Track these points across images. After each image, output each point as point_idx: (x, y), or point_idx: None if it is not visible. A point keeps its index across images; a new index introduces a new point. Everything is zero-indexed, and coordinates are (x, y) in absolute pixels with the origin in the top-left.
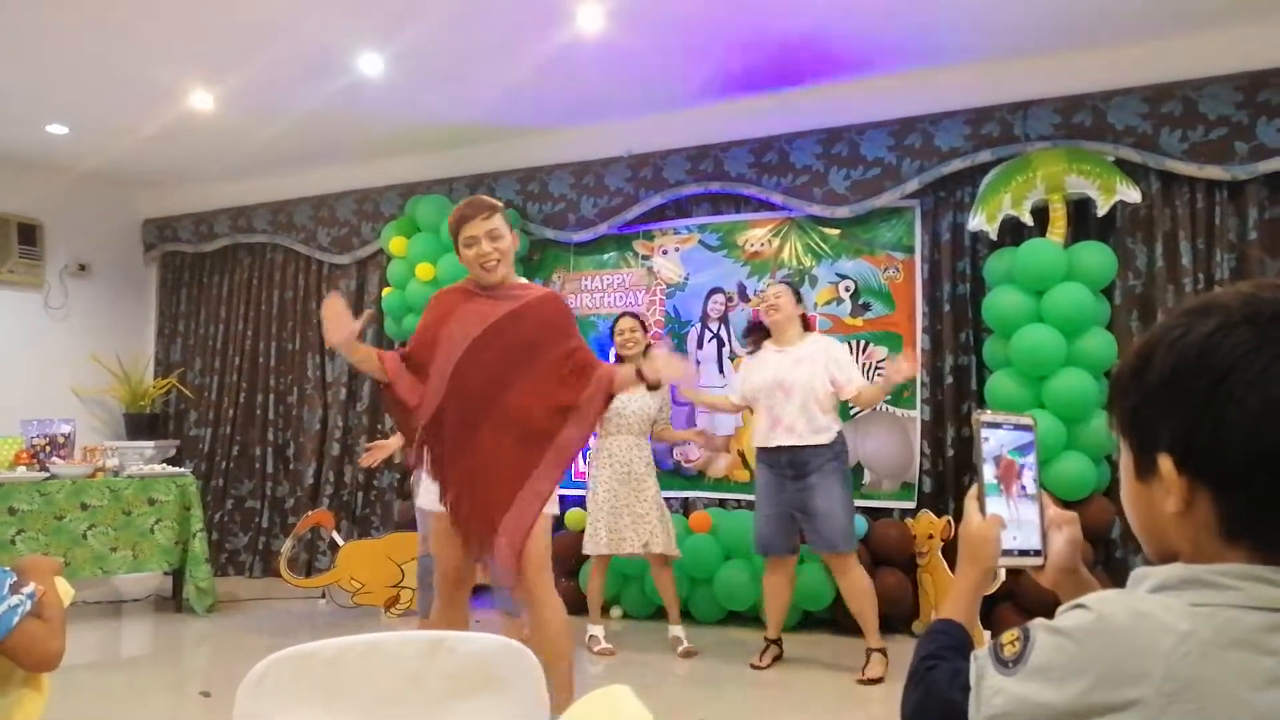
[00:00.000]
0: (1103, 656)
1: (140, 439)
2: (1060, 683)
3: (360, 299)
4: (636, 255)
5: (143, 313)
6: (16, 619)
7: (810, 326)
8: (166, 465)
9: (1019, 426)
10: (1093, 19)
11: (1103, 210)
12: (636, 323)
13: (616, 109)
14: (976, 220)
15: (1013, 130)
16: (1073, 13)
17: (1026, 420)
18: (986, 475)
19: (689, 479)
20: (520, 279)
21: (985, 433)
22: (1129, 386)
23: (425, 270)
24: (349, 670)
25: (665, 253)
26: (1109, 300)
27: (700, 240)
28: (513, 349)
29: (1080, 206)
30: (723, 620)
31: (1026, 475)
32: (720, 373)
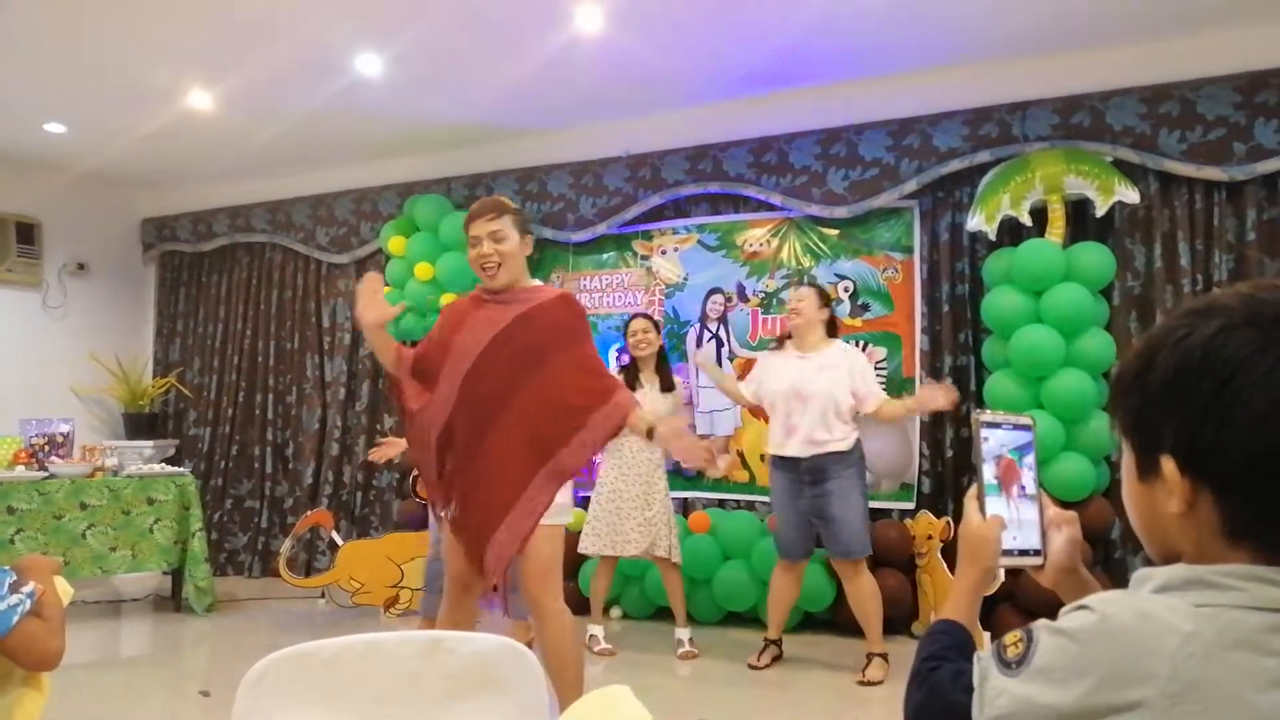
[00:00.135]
0: (1106, 657)
1: (139, 438)
2: (1064, 684)
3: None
4: (635, 255)
5: (141, 312)
6: (16, 618)
7: (837, 331)
8: (165, 465)
9: (1018, 426)
10: (1091, 20)
11: (1101, 211)
12: (650, 324)
13: (615, 109)
14: (975, 220)
15: (1011, 131)
16: (1071, 13)
17: (1026, 420)
18: (986, 475)
19: (688, 479)
20: (534, 281)
21: (985, 433)
22: (1131, 388)
23: (424, 270)
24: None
25: (664, 253)
26: (1108, 301)
27: (699, 240)
28: (522, 354)
29: (1079, 207)
30: (722, 621)
31: (1026, 475)
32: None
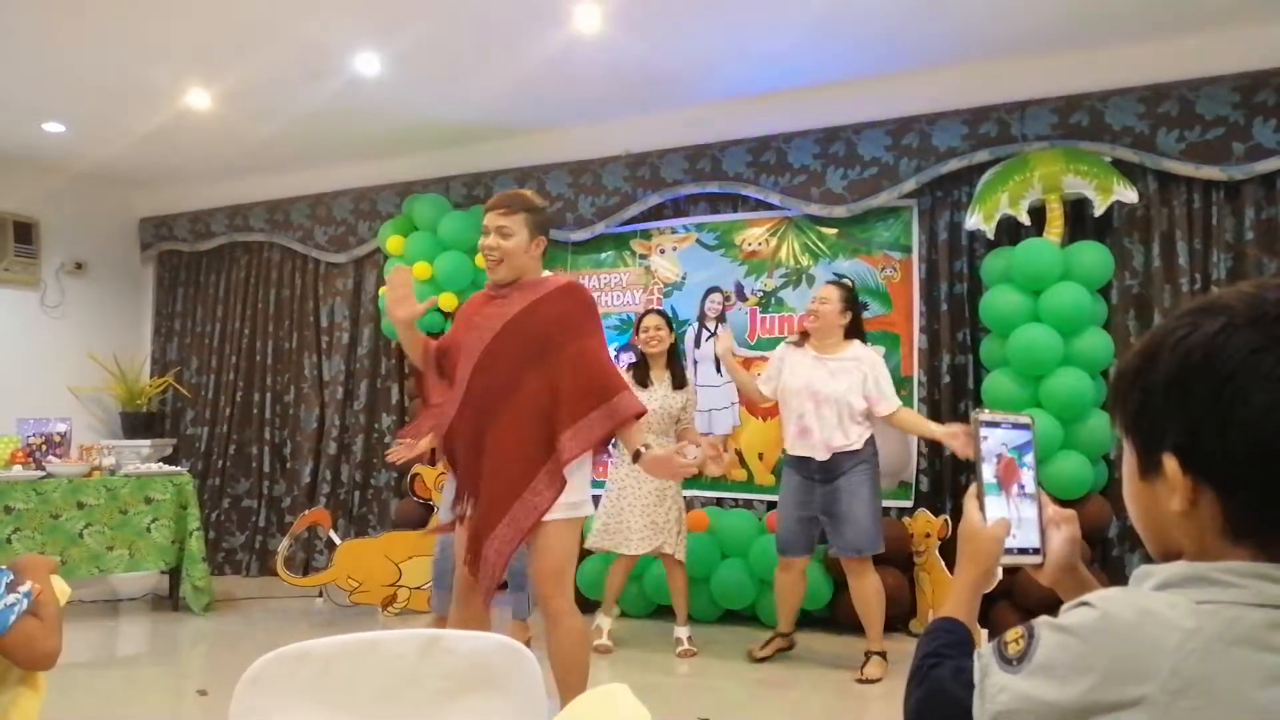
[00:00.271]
0: (1108, 654)
1: (137, 438)
2: (1065, 680)
3: (357, 298)
4: (634, 254)
5: (139, 311)
6: (13, 617)
7: (861, 332)
8: (163, 464)
9: (1017, 425)
10: (1090, 20)
11: (1099, 210)
12: (662, 320)
13: (614, 108)
14: (973, 220)
15: (1010, 130)
16: (1070, 13)
17: (1025, 419)
18: (985, 474)
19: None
20: (544, 274)
21: (984, 431)
22: (1133, 386)
23: (422, 269)
24: (346, 669)
25: (663, 252)
26: (1106, 300)
27: (698, 239)
28: (525, 348)
29: (1077, 206)
30: (720, 619)
31: (1025, 474)
32: (718, 372)
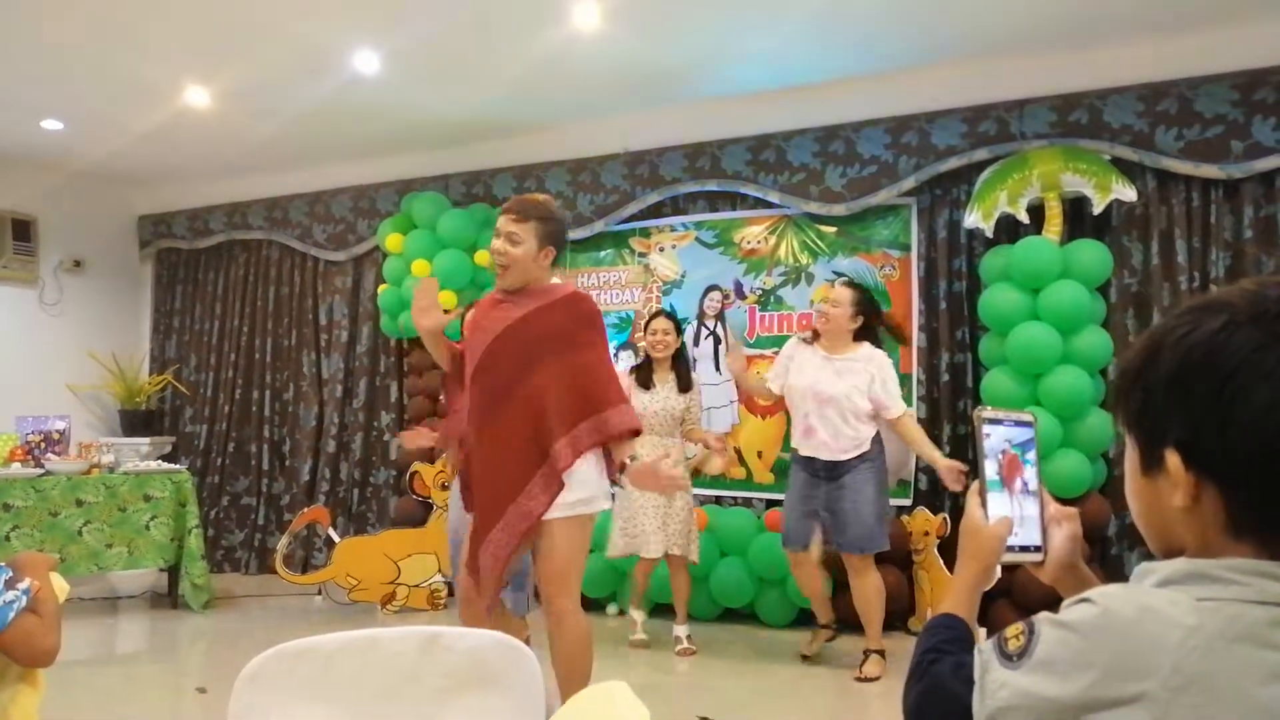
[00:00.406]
0: (1109, 650)
1: (136, 435)
2: (1065, 676)
3: (356, 296)
4: (633, 252)
5: (138, 309)
6: (12, 615)
7: (874, 335)
8: (162, 462)
9: (1019, 423)
10: (1089, 18)
11: (1098, 208)
12: (671, 324)
13: (613, 106)
14: (972, 218)
15: (1009, 128)
16: (1069, 12)
17: (1027, 417)
18: (988, 472)
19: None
20: (553, 281)
21: (986, 429)
22: (1135, 383)
23: (421, 267)
24: (345, 666)
25: (662, 250)
26: (1105, 298)
27: (697, 237)
28: (520, 354)
29: (1076, 205)
30: (719, 617)
31: (1027, 471)
32: (716, 370)
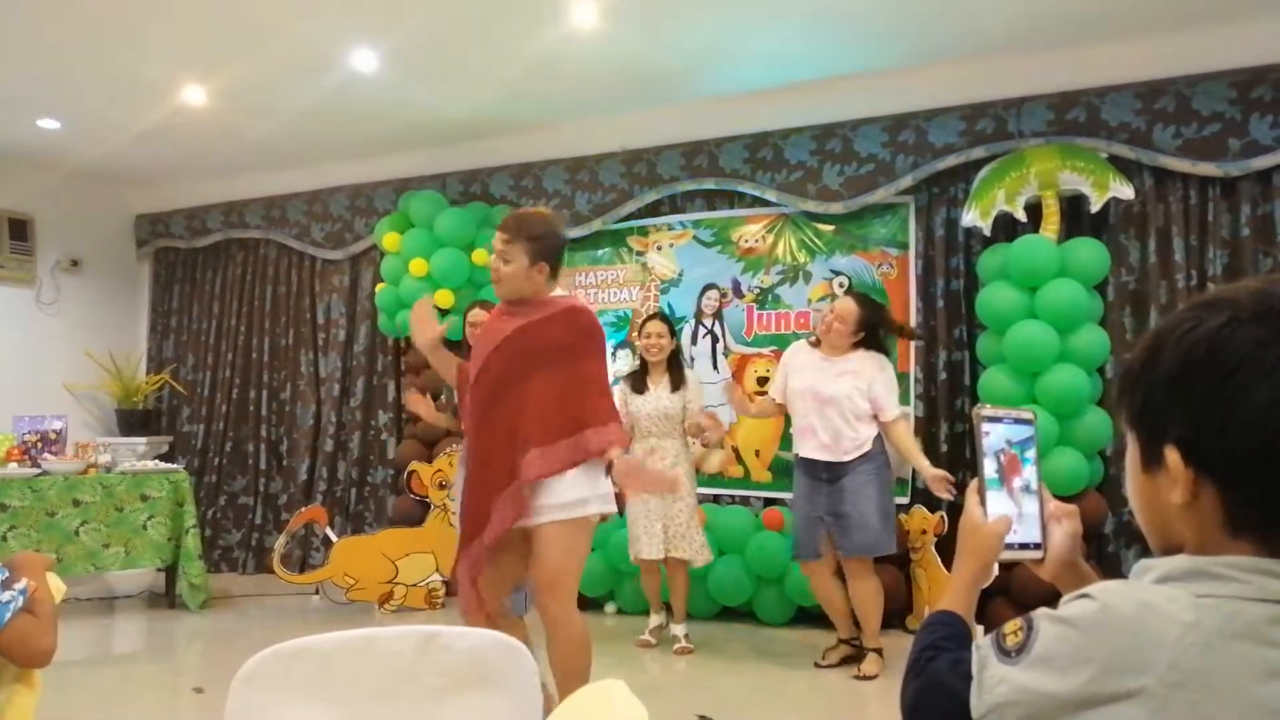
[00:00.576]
0: (1107, 646)
1: (133, 435)
2: (1064, 672)
3: (354, 295)
4: (631, 251)
5: (135, 308)
6: (8, 615)
7: (879, 345)
8: (159, 461)
9: (1019, 420)
10: (1086, 16)
11: (1096, 206)
12: (665, 328)
13: (610, 104)
14: (970, 216)
15: (1006, 126)
16: (1066, 10)
17: (1027, 414)
18: (987, 469)
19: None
20: (556, 291)
21: (986, 427)
22: (1137, 379)
23: (419, 266)
24: (342, 666)
25: (660, 248)
26: (1102, 296)
27: (694, 236)
28: (518, 361)
29: (1073, 203)
30: (717, 616)
31: (1027, 469)
32: (715, 369)
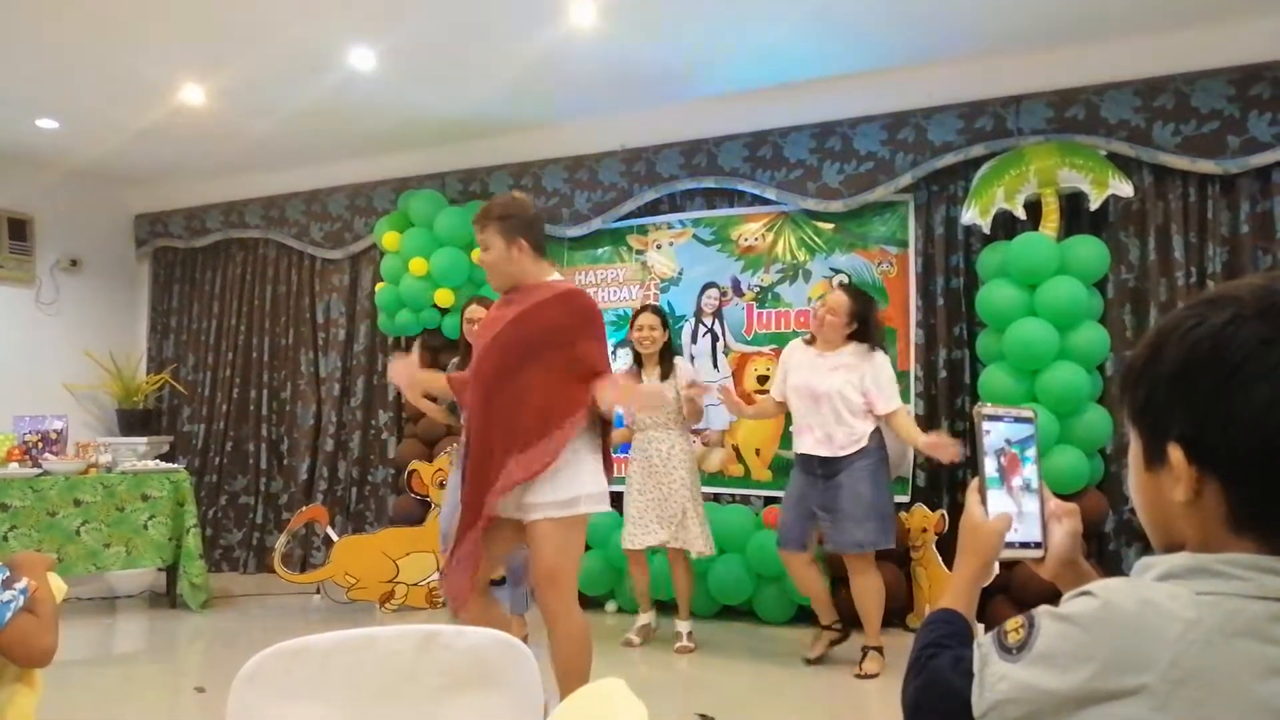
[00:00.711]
0: (1109, 643)
1: (133, 435)
2: (1065, 669)
3: (354, 294)
4: (630, 250)
5: (135, 308)
6: (9, 614)
7: (871, 335)
8: (160, 461)
9: (1019, 419)
10: (1085, 13)
11: (1095, 204)
12: (657, 319)
13: (610, 103)
14: (969, 214)
15: (1005, 124)
16: (1065, 7)
17: (1027, 413)
18: (988, 467)
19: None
20: (551, 276)
21: (986, 425)
22: (1140, 376)
23: (419, 265)
24: (343, 665)
25: (659, 247)
26: (1102, 294)
27: (694, 234)
28: (514, 350)
29: (1073, 200)
30: (717, 614)
31: (1027, 468)
32: (715, 367)
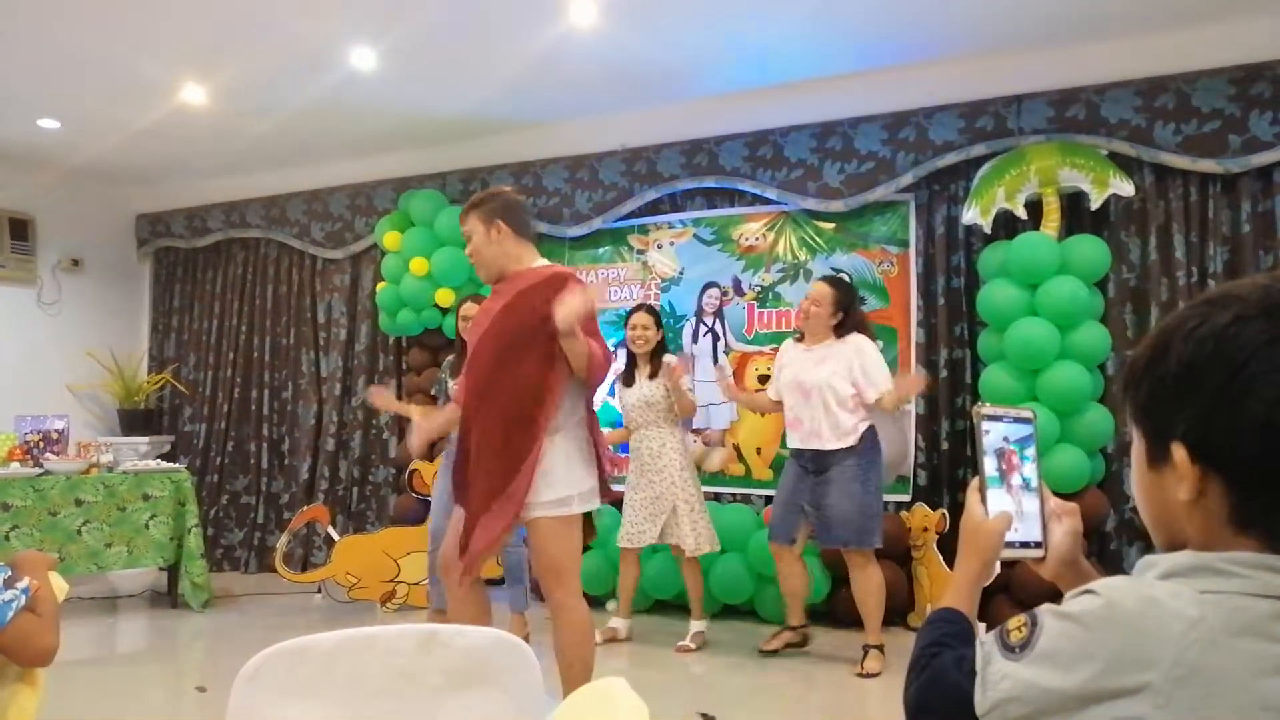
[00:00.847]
0: (1112, 642)
1: (135, 434)
2: (1068, 668)
3: (354, 294)
4: (631, 249)
5: (136, 308)
6: (11, 614)
7: (858, 325)
8: (161, 461)
9: (1019, 419)
10: (1086, 13)
11: (1096, 204)
12: (650, 319)
13: (610, 103)
14: (970, 214)
15: (1006, 124)
16: (1066, 6)
17: (1026, 413)
18: (988, 468)
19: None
20: (538, 262)
21: (986, 425)
22: (1144, 375)
23: (419, 265)
24: (344, 664)
25: (660, 247)
26: (1103, 293)
27: (695, 234)
28: (504, 341)
29: (1074, 200)
30: (718, 614)
31: (1027, 467)
32: (715, 366)
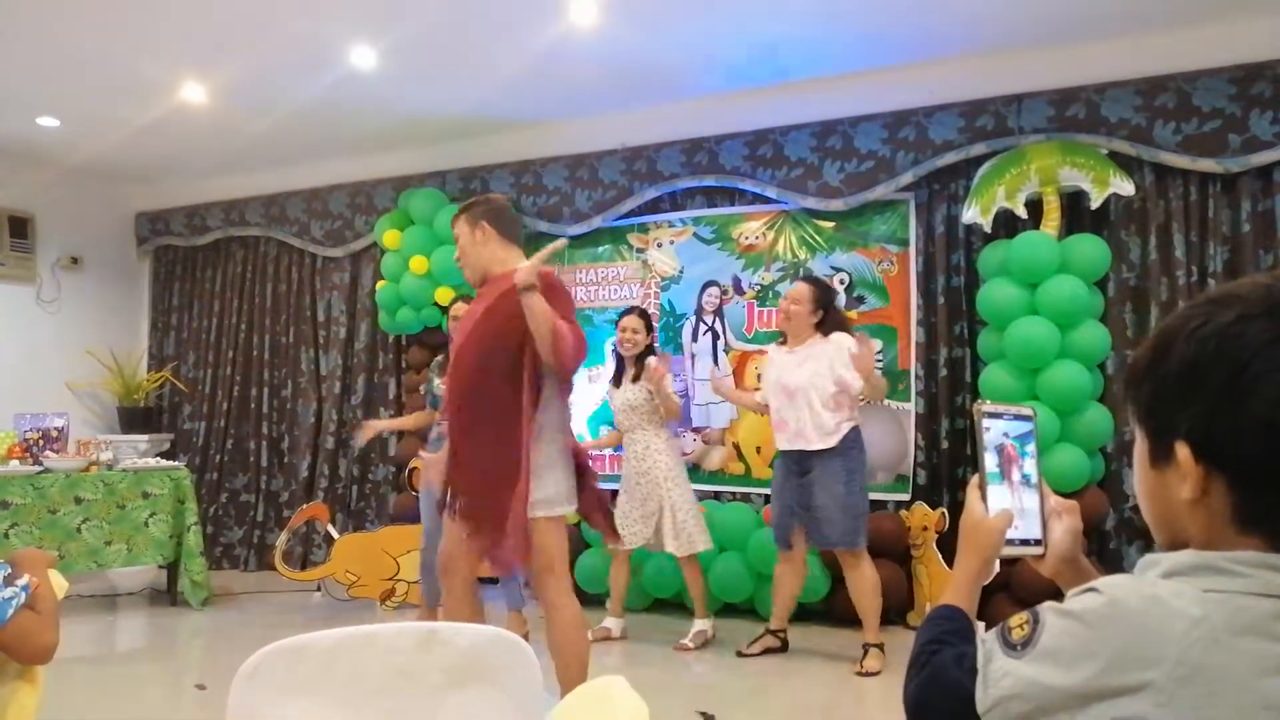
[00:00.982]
0: (1114, 640)
1: (134, 432)
2: (1070, 666)
3: (354, 292)
4: (631, 248)
5: (136, 306)
6: (10, 611)
7: (840, 324)
8: (160, 459)
9: (1019, 417)
10: (1086, 12)
11: (1096, 203)
12: (640, 322)
13: (610, 101)
14: (970, 213)
15: (1006, 123)
16: (1066, 6)
17: (1027, 411)
18: (988, 465)
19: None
20: (518, 263)
21: (986, 423)
22: (1146, 375)
23: (419, 263)
24: (343, 662)
25: (660, 245)
26: (1103, 293)
27: (695, 233)
28: (482, 345)
29: (1074, 199)
30: (718, 613)
31: (1027, 465)
32: (715, 364)
